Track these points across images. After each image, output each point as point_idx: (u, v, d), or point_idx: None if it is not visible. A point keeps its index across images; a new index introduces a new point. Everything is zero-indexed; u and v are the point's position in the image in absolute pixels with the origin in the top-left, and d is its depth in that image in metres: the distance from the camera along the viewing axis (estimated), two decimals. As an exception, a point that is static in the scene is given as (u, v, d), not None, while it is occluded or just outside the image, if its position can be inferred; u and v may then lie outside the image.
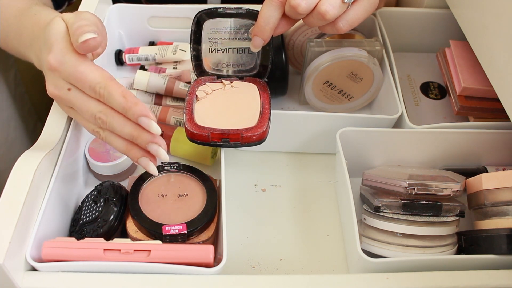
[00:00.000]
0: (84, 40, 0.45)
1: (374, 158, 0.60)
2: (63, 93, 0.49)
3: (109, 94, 0.46)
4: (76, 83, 0.48)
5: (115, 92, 0.46)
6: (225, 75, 0.59)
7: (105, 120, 0.47)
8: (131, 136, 0.47)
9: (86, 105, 0.48)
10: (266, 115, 0.54)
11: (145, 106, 0.46)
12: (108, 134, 0.48)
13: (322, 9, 0.50)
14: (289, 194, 0.61)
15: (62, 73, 0.47)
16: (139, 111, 0.45)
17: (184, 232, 0.48)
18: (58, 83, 0.48)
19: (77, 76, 0.47)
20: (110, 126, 0.47)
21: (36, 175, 0.47)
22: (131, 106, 0.46)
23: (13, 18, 0.58)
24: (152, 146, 0.47)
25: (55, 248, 0.45)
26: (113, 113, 0.47)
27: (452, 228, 0.51)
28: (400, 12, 0.72)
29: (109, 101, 0.47)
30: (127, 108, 0.46)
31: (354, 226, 0.49)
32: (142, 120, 0.46)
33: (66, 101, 0.49)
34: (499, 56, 0.51)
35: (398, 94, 0.61)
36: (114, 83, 0.47)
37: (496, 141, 0.59)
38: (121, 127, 0.47)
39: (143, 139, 0.47)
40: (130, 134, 0.47)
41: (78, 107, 0.49)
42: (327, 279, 0.45)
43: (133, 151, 0.48)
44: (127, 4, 0.71)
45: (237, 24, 0.56)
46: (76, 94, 0.48)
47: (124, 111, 0.46)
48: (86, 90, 0.47)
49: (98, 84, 0.46)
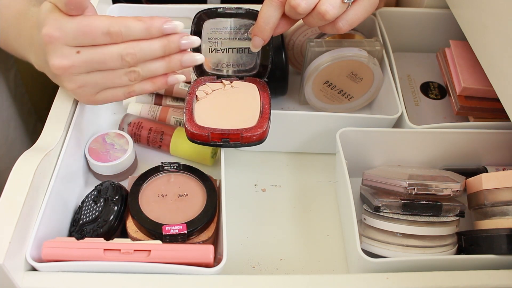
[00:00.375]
0: None
1: (374, 158, 0.60)
2: (74, 58, 0.46)
3: (126, 27, 0.46)
4: (85, 38, 0.46)
5: (131, 22, 0.46)
6: (225, 75, 0.59)
7: (134, 52, 0.46)
8: (163, 47, 0.47)
9: (107, 52, 0.46)
10: (266, 115, 0.54)
11: (161, 17, 0.47)
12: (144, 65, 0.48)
13: (322, 9, 0.50)
14: (289, 194, 0.61)
15: (66, 37, 0.45)
16: (159, 21, 0.47)
17: (184, 232, 0.48)
18: (63, 51, 0.46)
19: (85, 29, 0.45)
20: (140, 54, 0.47)
21: (36, 175, 0.47)
22: (152, 23, 0.46)
23: (12, 20, 0.58)
24: (185, 39, 0.48)
25: (55, 248, 0.45)
26: (136, 42, 0.47)
27: (452, 228, 0.51)
28: (400, 12, 0.72)
29: (129, 33, 0.46)
30: (149, 26, 0.46)
31: (354, 226, 0.49)
32: (166, 27, 0.47)
33: (79, 65, 0.47)
34: (499, 56, 0.51)
35: (398, 94, 0.61)
36: (123, 18, 0.46)
37: (496, 141, 0.59)
38: (151, 47, 0.47)
39: (174, 41, 0.48)
40: (162, 46, 0.47)
41: (98, 61, 0.46)
42: (327, 279, 0.45)
43: (173, 59, 0.49)
44: (127, 4, 0.71)
45: (237, 24, 0.56)
46: (89, 51, 0.46)
47: (148, 32, 0.46)
48: (99, 38, 0.46)
49: (111, 25, 0.45)
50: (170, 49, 0.48)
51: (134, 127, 0.63)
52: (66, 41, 0.46)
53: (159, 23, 0.47)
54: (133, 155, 0.60)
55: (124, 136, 0.60)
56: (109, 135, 0.60)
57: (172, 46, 0.48)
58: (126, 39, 0.46)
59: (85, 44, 0.46)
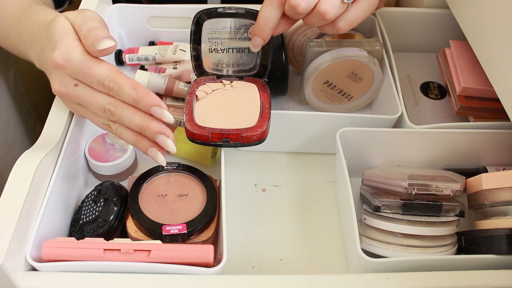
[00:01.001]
0: (104, 48, 0.46)
1: (374, 158, 0.60)
2: (70, 89, 0.49)
3: (119, 87, 0.46)
4: (84, 78, 0.48)
5: (125, 84, 0.46)
6: (225, 75, 0.59)
7: (114, 112, 0.47)
8: (140, 127, 0.48)
9: (95, 98, 0.48)
10: (266, 115, 0.54)
11: (156, 96, 0.47)
12: (118, 126, 0.49)
13: (321, 9, 0.50)
14: (289, 194, 0.61)
15: (69, 69, 0.47)
16: (150, 101, 0.46)
17: (184, 232, 0.48)
18: (64, 80, 0.48)
19: (85, 71, 0.47)
20: (119, 117, 0.48)
21: (36, 175, 0.47)
22: (143, 97, 0.46)
23: (14, 18, 0.59)
24: (160, 137, 0.47)
25: (55, 248, 0.45)
26: (122, 104, 0.47)
27: (452, 228, 0.50)
28: (400, 12, 0.72)
29: (119, 93, 0.47)
30: (139, 100, 0.46)
31: (354, 226, 0.49)
32: (154, 110, 0.46)
33: (73, 97, 0.49)
34: (499, 56, 0.51)
35: (398, 94, 0.61)
36: (123, 76, 0.47)
37: (496, 141, 0.59)
38: (130, 118, 0.47)
39: (151, 130, 0.47)
40: (139, 125, 0.47)
41: (86, 102, 0.49)
42: (327, 279, 0.45)
43: (142, 142, 0.49)
44: (127, 4, 0.71)
45: (237, 24, 0.56)
46: (84, 89, 0.48)
47: (135, 103, 0.47)
48: (94, 84, 0.47)
49: (107, 78, 0.47)
50: (145, 133, 0.48)
51: (134, 127, 0.63)
52: (69, 72, 0.48)
53: (149, 103, 0.46)
54: (133, 155, 0.60)
55: (124, 136, 0.60)
56: (109, 135, 0.60)
57: (148, 132, 0.48)
58: (116, 96, 0.48)
59: (83, 82, 0.48)
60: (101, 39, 0.46)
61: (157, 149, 0.49)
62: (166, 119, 0.47)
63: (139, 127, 0.48)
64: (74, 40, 0.48)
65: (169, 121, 0.47)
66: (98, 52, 0.47)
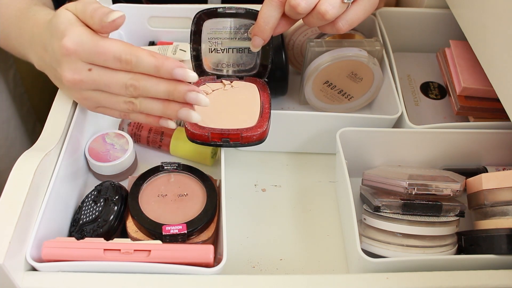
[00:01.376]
0: (113, 19, 0.45)
1: (374, 158, 0.60)
2: (84, 75, 0.47)
3: (137, 58, 0.46)
4: (99, 59, 0.46)
5: (143, 54, 0.46)
6: (225, 75, 0.59)
7: (138, 85, 0.47)
8: (168, 92, 0.47)
9: (114, 77, 0.47)
10: (266, 115, 0.54)
11: (175, 60, 0.46)
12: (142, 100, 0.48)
13: (321, 9, 0.50)
14: (289, 194, 0.61)
15: (81, 54, 0.46)
16: (172, 64, 0.46)
17: (184, 232, 0.48)
18: (77, 66, 0.47)
19: (99, 50, 0.46)
20: (143, 90, 0.47)
21: (36, 175, 0.47)
22: (163, 62, 0.46)
23: (13, 18, 0.58)
24: (192, 94, 0.47)
25: (55, 248, 0.45)
26: (143, 76, 0.47)
27: (452, 228, 0.51)
28: (400, 12, 0.72)
29: (139, 65, 0.46)
30: (160, 65, 0.46)
31: (354, 226, 0.49)
32: (177, 71, 0.46)
33: (88, 83, 0.48)
34: (499, 56, 0.51)
35: (398, 94, 0.61)
36: (138, 48, 0.46)
37: (496, 141, 0.59)
38: (156, 87, 0.47)
39: (180, 91, 0.47)
40: (166, 91, 0.47)
41: (105, 84, 0.47)
42: (327, 279, 0.45)
43: (171, 106, 0.48)
44: (127, 4, 0.71)
45: (237, 24, 0.56)
46: (99, 72, 0.47)
47: (156, 70, 0.46)
48: (110, 62, 0.46)
49: (123, 52, 0.46)
50: (174, 97, 0.47)
51: (134, 127, 0.63)
52: (81, 57, 0.47)
53: (170, 66, 0.46)
54: (133, 155, 0.60)
55: (124, 136, 0.60)
56: (109, 135, 0.60)
57: (177, 95, 0.47)
58: (135, 69, 0.47)
59: (97, 63, 0.47)
60: (108, 13, 0.45)
61: (188, 108, 0.48)
62: (191, 78, 0.46)
63: (167, 93, 0.47)
64: (81, 26, 0.47)
65: (194, 80, 0.46)
66: (108, 25, 0.45)
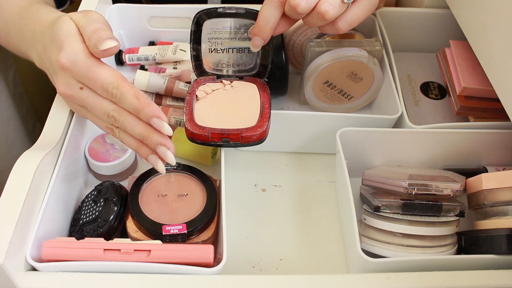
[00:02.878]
0: (106, 48, 0.46)
1: (374, 158, 0.60)
2: (75, 92, 0.49)
3: (121, 95, 0.47)
4: (88, 83, 0.48)
5: (128, 92, 0.47)
6: (225, 75, 0.59)
7: (118, 119, 0.48)
8: (142, 136, 0.48)
9: (99, 103, 0.48)
10: (266, 115, 0.54)
11: (157, 107, 0.47)
12: (121, 131, 0.49)
13: (321, 9, 0.50)
14: (289, 194, 0.61)
15: (74, 73, 0.48)
16: (151, 112, 0.46)
17: (184, 232, 0.48)
18: (69, 82, 0.49)
19: (90, 76, 0.47)
20: (122, 124, 0.48)
21: (36, 175, 0.47)
22: (144, 107, 0.46)
23: (15, 16, 0.58)
24: (161, 149, 0.48)
25: (55, 248, 0.45)
26: (125, 112, 0.48)
27: (452, 228, 0.51)
28: (400, 12, 0.72)
29: (122, 101, 0.47)
30: (140, 109, 0.47)
31: (354, 226, 0.49)
32: (154, 121, 0.47)
33: (78, 100, 0.49)
34: (499, 56, 0.51)
35: (398, 94, 0.61)
36: (126, 84, 0.47)
37: (496, 141, 0.59)
38: (132, 127, 0.48)
39: (152, 140, 0.48)
40: (140, 134, 0.48)
41: (91, 106, 0.49)
42: (327, 279, 0.45)
43: (143, 149, 0.49)
44: (127, 4, 0.71)
45: (237, 24, 0.56)
46: (89, 94, 0.49)
47: (136, 112, 0.47)
48: (98, 90, 0.48)
49: (111, 84, 0.47)
50: (146, 142, 0.48)
51: (134, 127, 0.63)
52: (74, 75, 0.48)
53: (149, 114, 0.46)
54: (133, 155, 0.60)
55: (124, 136, 0.60)
56: (109, 135, 0.60)
57: (149, 142, 0.48)
58: (118, 103, 0.48)
59: (87, 86, 0.49)
60: (104, 40, 0.46)
61: (157, 157, 0.49)
62: (165, 131, 0.47)
63: (141, 136, 0.48)
64: (79, 42, 0.48)
65: (168, 133, 0.47)
66: (100, 53, 0.47)
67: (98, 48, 0.46)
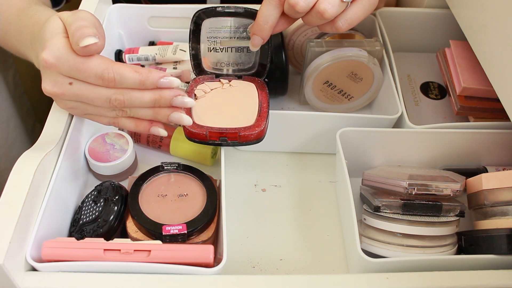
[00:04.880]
0: (85, 45, 0.45)
1: (374, 158, 0.60)
2: (65, 88, 0.47)
3: (121, 76, 0.46)
4: (78, 75, 0.46)
5: (126, 71, 0.46)
6: (224, 74, 0.59)
7: (123, 99, 0.47)
8: (154, 101, 0.48)
9: (96, 92, 0.47)
10: (264, 114, 0.54)
11: (157, 70, 0.47)
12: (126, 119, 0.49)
13: (320, 7, 0.50)
14: (289, 194, 0.61)
15: (61, 68, 0.46)
16: (156, 76, 0.47)
17: (184, 232, 0.48)
18: (57, 80, 0.47)
19: (79, 67, 0.46)
20: (129, 102, 0.47)
21: (36, 175, 0.47)
22: (148, 76, 0.46)
23: (13, 17, 0.58)
24: (178, 99, 0.48)
25: (55, 248, 0.45)
26: (127, 90, 0.47)
27: (452, 228, 0.50)
28: (400, 12, 0.72)
29: (122, 82, 0.46)
30: (144, 80, 0.46)
31: (354, 226, 0.49)
32: (162, 82, 0.47)
33: (70, 96, 0.48)
34: (499, 56, 0.51)
35: (398, 94, 0.61)
36: (120, 64, 0.47)
37: (496, 141, 0.59)
38: (141, 98, 0.47)
39: (166, 97, 0.48)
40: (152, 100, 0.48)
41: (87, 98, 0.47)
42: (327, 279, 0.45)
43: (161, 112, 0.49)
44: (127, 4, 0.71)
45: (236, 23, 0.56)
46: (81, 86, 0.47)
47: (141, 84, 0.47)
48: (92, 79, 0.46)
49: (105, 71, 0.46)
50: (160, 104, 0.48)
51: (134, 127, 0.63)
52: (61, 71, 0.47)
53: (155, 77, 0.46)
54: (133, 155, 0.60)
55: (124, 136, 0.60)
56: (109, 135, 0.60)
57: (163, 101, 0.48)
58: (118, 86, 0.47)
59: (77, 79, 0.47)
60: (85, 37, 0.45)
61: (179, 111, 0.49)
62: (175, 84, 0.47)
63: (153, 101, 0.48)
64: (62, 38, 0.47)
65: (177, 85, 0.48)
66: (81, 50, 0.45)
67: (78, 45, 0.45)
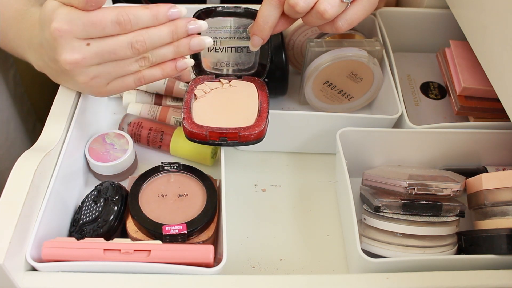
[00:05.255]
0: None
1: (374, 158, 0.60)
2: (85, 51, 0.46)
3: (135, 16, 0.46)
4: (95, 30, 0.46)
5: (138, 10, 0.47)
6: (224, 74, 0.59)
7: (143, 39, 0.47)
8: (171, 32, 0.48)
9: (117, 42, 0.47)
10: (264, 114, 0.54)
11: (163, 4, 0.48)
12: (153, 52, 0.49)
13: (320, 8, 0.50)
14: (289, 194, 0.61)
15: (75, 30, 0.45)
16: (165, 7, 0.48)
17: (184, 232, 0.48)
18: (74, 45, 0.46)
19: (93, 20, 0.45)
20: (150, 41, 0.48)
21: (36, 175, 0.47)
22: (158, 10, 0.47)
23: (11, 19, 0.58)
24: (192, 23, 0.49)
25: (55, 248, 0.45)
26: (145, 30, 0.47)
27: (452, 228, 0.50)
28: (400, 12, 0.72)
29: (137, 22, 0.47)
30: (156, 14, 0.47)
31: (354, 226, 0.49)
32: (172, 11, 0.48)
33: (91, 58, 0.47)
34: (499, 56, 0.51)
35: (398, 94, 0.61)
36: (130, 7, 0.47)
37: (496, 141, 0.59)
38: (159, 33, 0.48)
39: (181, 26, 0.49)
40: (169, 32, 0.48)
41: (108, 51, 0.47)
42: (327, 279, 0.45)
43: (181, 43, 0.50)
44: (127, 4, 0.70)
45: (236, 23, 0.56)
46: (99, 43, 0.47)
47: (155, 19, 0.47)
48: (109, 28, 0.46)
49: (119, 15, 0.46)
50: (178, 34, 0.49)
51: (134, 127, 0.63)
52: (76, 34, 0.46)
53: (165, 9, 0.47)
54: (133, 155, 0.60)
55: (124, 136, 0.60)
56: (109, 135, 0.60)
57: (180, 31, 0.49)
58: (134, 27, 0.47)
59: (94, 36, 0.46)
60: None
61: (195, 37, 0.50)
62: (184, 13, 0.49)
63: (170, 33, 0.48)
64: (64, 6, 0.46)
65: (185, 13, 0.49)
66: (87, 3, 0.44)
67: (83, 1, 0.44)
